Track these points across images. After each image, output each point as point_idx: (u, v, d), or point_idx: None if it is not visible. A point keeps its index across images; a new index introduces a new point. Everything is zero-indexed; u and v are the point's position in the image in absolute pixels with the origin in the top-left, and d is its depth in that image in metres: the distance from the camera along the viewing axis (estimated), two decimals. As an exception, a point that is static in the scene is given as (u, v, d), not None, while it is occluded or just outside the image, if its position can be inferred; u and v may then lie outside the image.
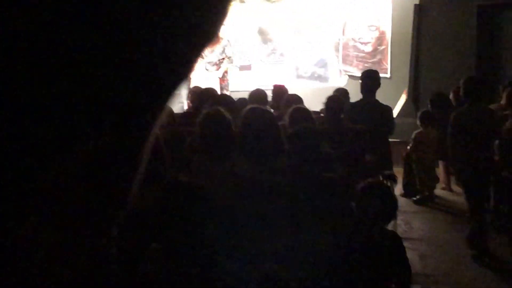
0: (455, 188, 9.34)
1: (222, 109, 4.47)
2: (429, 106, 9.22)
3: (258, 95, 7.22)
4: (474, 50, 12.07)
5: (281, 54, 13.70)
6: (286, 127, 5.41)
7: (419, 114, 9.09)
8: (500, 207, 7.20)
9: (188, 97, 9.09)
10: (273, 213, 3.96)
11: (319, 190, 4.11)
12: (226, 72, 12.33)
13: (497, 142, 6.57)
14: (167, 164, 4.09)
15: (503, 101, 8.66)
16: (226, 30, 13.01)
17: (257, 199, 3.99)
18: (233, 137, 4.31)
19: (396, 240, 4.19)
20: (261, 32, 13.73)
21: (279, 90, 7.91)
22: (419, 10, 12.36)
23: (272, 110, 6.71)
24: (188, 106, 8.92)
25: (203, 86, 8.62)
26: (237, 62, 13.45)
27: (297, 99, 6.77)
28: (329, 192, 4.11)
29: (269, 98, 7.98)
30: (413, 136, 8.87)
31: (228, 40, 12.50)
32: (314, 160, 4.83)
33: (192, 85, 10.60)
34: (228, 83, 12.30)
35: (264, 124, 4.28)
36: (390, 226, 7.38)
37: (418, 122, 8.90)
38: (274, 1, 13.60)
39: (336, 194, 4.16)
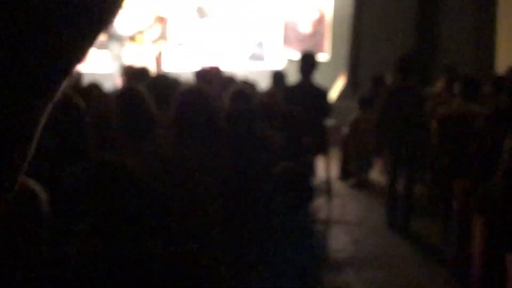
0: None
1: (136, 86, 4.36)
2: (368, 90, 9.20)
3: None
4: (414, 32, 12.14)
5: (221, 34, 13.52)
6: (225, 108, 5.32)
7: (358, 97, 9.05)
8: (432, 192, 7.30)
9: (121, 75, 8.85)
10: (200, 192, 3.88)
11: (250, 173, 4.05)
12: (160, 53, 12.15)
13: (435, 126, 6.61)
14: (92, 143, 3.93)
15: (439, 85, 8.71)
16: (166, 8, 12.81)
17: (182, 178, 3.89)
18: (152, 114, 4.20)
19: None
20: (200, 10, 13.51)
21: (213, 71, 7.75)
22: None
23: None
24: (123, 82, 8.70)
25: (137, 64, 8.43)
26: (177, 41, 13.24)
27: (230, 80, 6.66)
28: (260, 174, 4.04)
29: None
30: (352, 119, 8.84)
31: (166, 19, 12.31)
32: (249, 140, 4.76)
33: (126, 63, 10.41)
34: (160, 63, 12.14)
35: (198, 104, 4.17)
36: (324, 210, 7.40)
37: (358, 106, 8.86)
38: (214, -20, 13.40)
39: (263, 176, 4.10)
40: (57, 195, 3.28)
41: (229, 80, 6.71)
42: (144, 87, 4.41)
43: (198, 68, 7.49)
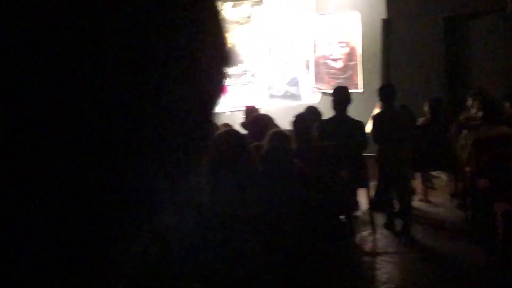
0: (433, 199, 9.38)
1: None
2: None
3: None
4: (442, 61, 12.19)
5: (253, 75, 13.73)
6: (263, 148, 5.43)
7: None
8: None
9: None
10: (239, 237, 3.96)
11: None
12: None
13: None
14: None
15: (473, 110, 8.74)
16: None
17: (221, 224, 3.98)
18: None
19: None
20: (232, 55, 13.71)
21: (251, 111, 7.93)
22: (386, 25, 12.46)
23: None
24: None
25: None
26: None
27: (267, 119, 6.78)
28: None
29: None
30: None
31: None
32: (287, 178, 4.86)
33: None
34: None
35: (234, 147, 4.28)
36: (369, 242, 7.44)
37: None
38: (243, 23, 13.64)
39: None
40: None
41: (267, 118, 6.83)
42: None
43: (235, 108, 7.66)
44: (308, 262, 4.71)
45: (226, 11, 13.62)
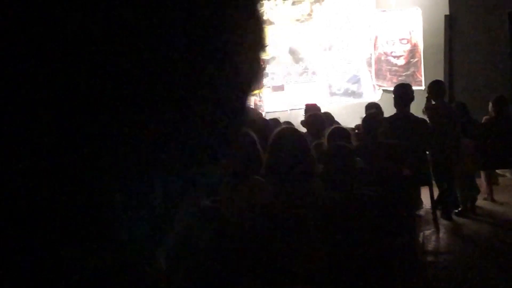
0: (498, 198, 9.21)
1: (246, 130, 4.47)
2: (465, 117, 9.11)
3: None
4: (508, 57, 11.93)
5: (313, 73, 13.71)
6: (323, 146, 5.41)
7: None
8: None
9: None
10: (301, 235, 3.94)
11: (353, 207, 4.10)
12: (261, 91, 12.35)
13: None
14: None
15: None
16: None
17: (282, 222, 3.98)
18: (258, 157, 4.29)
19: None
20: (292, 52, 13.75)
21: (312, 109, 7.90)
22: (449, 21, 12.27)
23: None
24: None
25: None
26: (270, 83, 13.48)
27: (326, 117, 6.75)
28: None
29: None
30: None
31: (263, 62, 12.54)
32: (349, 178, 4.83)
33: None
34: (263, 104, 12.32)
35: (293, 145, 4.26)
36: (432, 241, 7.34)
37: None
38: (303, 21, 13.63)
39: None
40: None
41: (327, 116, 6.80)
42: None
43: (295, 107, 7.66)
44: (370, 261, 4.67)
45: (286, 8, 13.62)
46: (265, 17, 13.67)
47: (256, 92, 12.07)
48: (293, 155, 4.21)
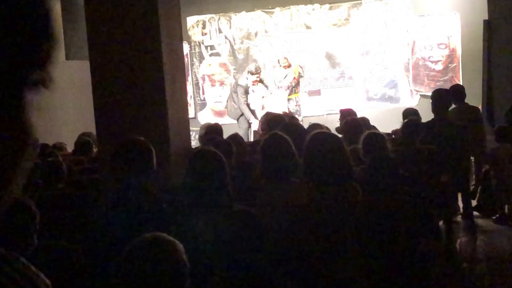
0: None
1: (280, 132, 4.50)
2: (504, 121, 9.02)
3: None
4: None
5: (350, 77, 13.69)
6: (359, 151, 5.41)
7: (494, 130, 8.89)
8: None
9: (259, 124, 9.17)
10: (336, 240, 3.95)
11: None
12: (297, 95, 12.33)
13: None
14: (231, 192, 4.09)
15: None
16: (297, 56, 13.10)
17: (317, 227, 3.99)
18: (294, 160, 4.32)
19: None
20: (329, 57, 13.75)
21: (347, 114, 7.89)
22: (488, 26, 12.16)
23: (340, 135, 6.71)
24: (258, 133, 9.00)
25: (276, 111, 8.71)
26: (306, 88, 13.50)
27: (363, 122, 6.73)
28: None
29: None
30: (490, 152, 8.67)
31: (301, 66, 12.54)
32: (394, 186, 4.82)
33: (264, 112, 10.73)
34: (300, 108, 12.30)
35: (328, 149, 4.26)
36: (469, 248, 7.28)
37: (493, 138, 8.69)
38: (340, 25, 13.61)
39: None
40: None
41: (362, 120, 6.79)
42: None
43: (332, 111, 7.66)
44: (407, 267, 4.65)
45: (324, 13, 13.62)
46: (302, 22, 13.71)
47: (292, 96, 12.09)
48: (329, 159, 4.21)
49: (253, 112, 11.73)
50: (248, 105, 11.76)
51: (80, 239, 4.26)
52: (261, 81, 11.92)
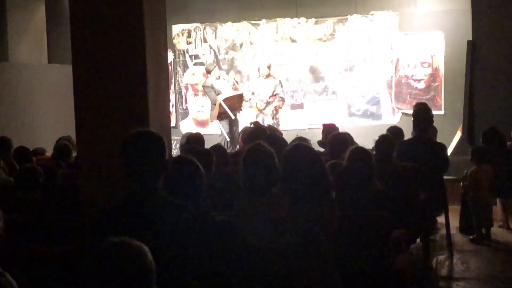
0: (514, 226, 9.14)
1: (263, 143, 4.46)
2: (482, 142, 9.06)
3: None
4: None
5: (333, 92, 13.73)
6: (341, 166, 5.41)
7: (471, 151, 8.91)
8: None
9: (239, 136, 9.17)
10: (312, 252, 3.93)
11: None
12: (276, 110, 12.34)
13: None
14: (208, 201, 4.04)
15: None
16: (278, 69, 13.13)
17: (295, 239, 3.97)
18: (276, 171, 4.29)
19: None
20: (313, 71, 13.79)
21: (330, 129, 7.90)
22: (472, 46, 12.25)
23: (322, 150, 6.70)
24: (240, 145, 8.99)
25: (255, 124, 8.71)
26: (289, 101, 13.53)
27: (347, 137, 6.72)
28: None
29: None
30: (467, 173, 8.70)
31: (279, 80, 12.55)
32: (363, 198, 4.82)
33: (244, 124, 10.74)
34: (278, 121, 12.30)
35: (305, 162, 4.25)
36: (445, 266, 7.29)
37: (470, 159, 8.70)
38: (325, 40, 13.66)
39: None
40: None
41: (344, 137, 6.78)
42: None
43: (314, 125, 7.67)
44: (383, 285, 4.65)
45: (309, 27, 13.66)
46: (287, 35, 13.75)
47: (272, 109, 12.09)
48: (305, 172, 4.20)
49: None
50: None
51: (56, 243, 4.22)
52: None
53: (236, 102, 11.93)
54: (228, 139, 11.66)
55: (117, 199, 3.40)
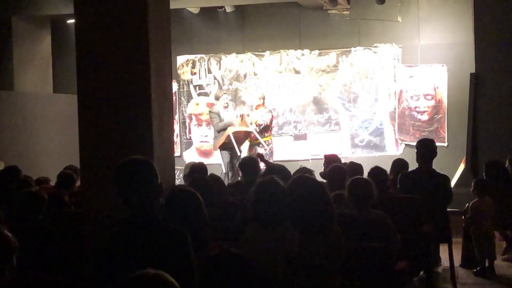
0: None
1: (276, 178, 4.47)
2: (484, 174, 9.05)
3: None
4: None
5: (336, 123, 13.76)
6: (343, 196, 5.41)
7: (474, 183, 8.88)
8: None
9: (238, 167, 9.18)
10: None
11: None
12: (268, 141, 12.21)
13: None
14: (209, 232, 4.04)
15: None
16: (282, 100, 13.17)
17: (305, 276, 3.96)
18: (287, 206, 4.29)
19: None
20: (316, 102, 13.83)
21: (332, 160, 7.91)
22: (475, 79, 12.29)
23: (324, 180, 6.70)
24: (240, 176, 8.97)
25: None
26: (292, 131, 13.56)
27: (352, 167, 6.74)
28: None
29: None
30: (470, 205, 8.67)
31: (270, 110, 12.41)
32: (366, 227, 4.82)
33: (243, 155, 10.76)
34: (271, 152, 12.15)
35: (309, 193, 4.26)
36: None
37: (471, 191, 8.67)
38: (329, 71, 13.73)
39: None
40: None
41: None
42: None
43: (317, 156, 7.67)
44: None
45: (313, 59, 13.74)
46: (291, 66, 13.82)
47: (264, 139, 12.03)
48: (312, 204, 4.20)
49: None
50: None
51: (59, 272, 4.21)
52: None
53: (242, 137, 11.89)
54: (225, 171, 11.59)
55: (118, 225, 3.43)
